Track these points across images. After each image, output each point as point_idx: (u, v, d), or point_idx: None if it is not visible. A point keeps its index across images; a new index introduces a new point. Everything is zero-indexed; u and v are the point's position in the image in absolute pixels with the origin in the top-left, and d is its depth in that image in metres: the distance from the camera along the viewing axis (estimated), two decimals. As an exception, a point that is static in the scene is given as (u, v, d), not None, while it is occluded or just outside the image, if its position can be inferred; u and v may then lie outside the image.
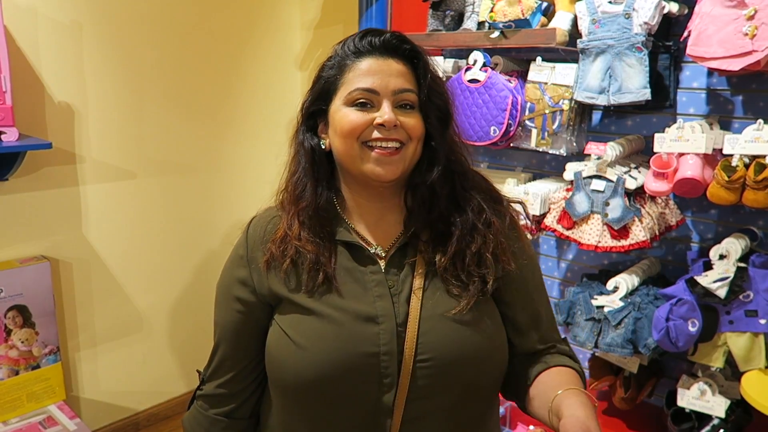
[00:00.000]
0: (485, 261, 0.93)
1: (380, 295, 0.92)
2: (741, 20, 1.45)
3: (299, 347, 0.90)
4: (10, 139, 1.77)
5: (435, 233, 0.95)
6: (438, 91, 0.94)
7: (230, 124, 2.63)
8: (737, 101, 1.69)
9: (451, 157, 0.96)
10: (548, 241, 2.14)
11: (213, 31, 2.49)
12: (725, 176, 1.47)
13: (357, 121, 0.89)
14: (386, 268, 0.94)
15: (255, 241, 0.99)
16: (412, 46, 0.94)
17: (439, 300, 0.92)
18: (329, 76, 0.94)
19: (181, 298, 2.57)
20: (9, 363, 1.99)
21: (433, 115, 0.93)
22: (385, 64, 0.91)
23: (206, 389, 1.03)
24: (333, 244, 0.95)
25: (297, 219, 0.95)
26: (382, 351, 0.88)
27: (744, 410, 1.64)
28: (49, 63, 2.03)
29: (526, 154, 2.13)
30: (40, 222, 2.11)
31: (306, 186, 0.96)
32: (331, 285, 0.92)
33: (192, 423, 1.05)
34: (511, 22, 1.80)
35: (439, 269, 0.93)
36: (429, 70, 0.94)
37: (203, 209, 2.59)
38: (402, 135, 0.90)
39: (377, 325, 0.89)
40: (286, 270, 0.94)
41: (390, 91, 0.90)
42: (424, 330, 0.89)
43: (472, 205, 0.96)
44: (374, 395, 0.89)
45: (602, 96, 1.70)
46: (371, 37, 0.92)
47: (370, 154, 0.90)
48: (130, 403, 2.49)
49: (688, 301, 1.54)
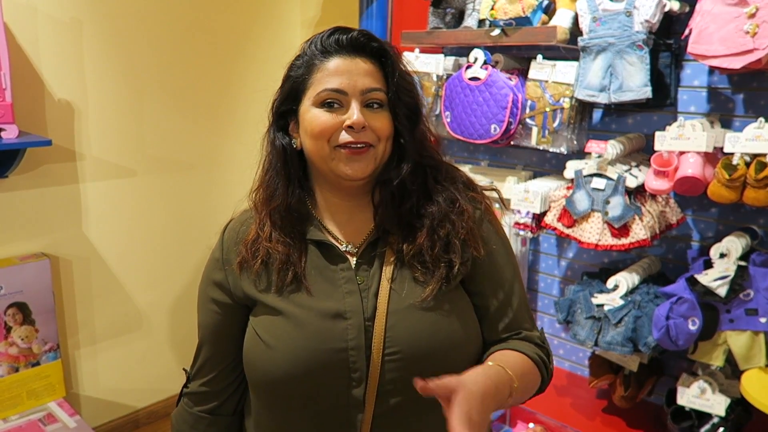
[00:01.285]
0: (453, 246, 0.93)
1: (349, 291, 0.93)
2: (742, 18, 1.45)
3: (268, 347, 0.92)
4: (10, 137, 1.77)
5: (405, 226, 0.95)
6: (407, 88, 0.94)
7: (230, 121, 2.62)
8: (738, 99, 1.68)
9: (423, 152, 0.96)
10: (548, 240, 2.14)
11: (213, 29, 2.49)
12: (726, 175, 1.47)
13: (326, 124, 0.90)
14: (357, 264, 0.95)
15: (229, 244, 1.00)
16: (380, 44, 0.94)
17: (407, 289, 0.92)
18: (297, 75, 0.94)
19: (180, 296, 2.57)
20: (9, 360, 1.99)
21: (401, 113, 0.93)
22: (353, 63, 0.91)
23: (191, 387, 1.06)
24: (304, 243, 0.96)
25: (269, 219, 0.96)
26: (350, 346, 0.89)
27: (744, 409, 1.64)
28: (48, 60, 2.03)
29: (527, 152, 2.12)
30: (40, 219, 2.11)
31: (278, 185, 0.96)
32: (300, 284, 0.93)
33: (178, 420, 1.08)
34: (512, 19, 1.80)
35: (407, 256, 0.93)
36: (397, 68, 0.93)
37: (203, 207, 2.59)
38: (370, 137, 0.91)
39: (345, 320, 0.90)
40: (257, 271, 0.95)
41: (358, 90, 0.90)
42: (392, 323, 0.90)
43: (444, 196, 0.96)
44: (344, 390, 0.90)
45: (603, 94, 1.70)
46: (338, 36, 0.92)
47: (340, 153, 0.90)
48: (130, 400, 2.49)
49: (689, 300, 1.53)
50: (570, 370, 2.14)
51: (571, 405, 1.95)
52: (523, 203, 1.87)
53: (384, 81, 0.93)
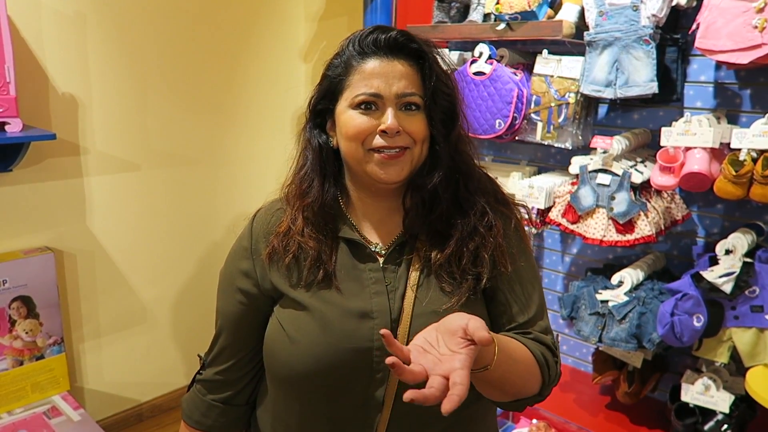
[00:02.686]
0: (482, 260, 0.92)
1: (377, 291, 0.93)
2: (750, 13, 1.44)
3: (293, 341, 0.92)
4: (14, 130, 1.77)
5: (434, 233, 0.95)
6: (444, 91, 0.93)
7: (234, 116, 2.62)
8: (745, 95, 1.67)
9: (456, 157, 0.95)
10: (553, 235, 2.13)
11: (217, 22, 2.48)
12: (732, 171, 1.46)
13: (361, 127, 0.90)
14: (384, 265, 0.95)
15: (259, 234, 1.00)
16: (419, 45, 0.92)
17: (432, 296, 0.92)
18: (335, 75, 0.94)
19: (184, 290, 2.57)
20: (13, 353, 2.00)
21: (437, 118, 0.92)
22: (390, 65, 0.90)
23: (206, 375, 1.06)
24: (335, 240, 0.96)
25: (301, 214, 0.96)
26: (375, 346, 0.89)
27: (748, 406, 1.63)
28: (52, 54, 2.03)
29: (532, 148, 2.12)
30: (44, 213, 2.11)
31: (313, 182, 0.96)
32: (330, 282, 0.93)
33: (190, 405, 1.07)
34: (518, 14, 1.79)
35: (434, 266, 0.93)
36: (435, 71, 0.92)
37: (207, 201, 2.59)
38: (405, 140, 0.90)
39: (372, 320, 0.90)
40: (288, 265, 0.95)
41: (393, 94, 0.89)
42: (416, 326, 0.89)
43: (475, 208, 0.95)
44: (365, 390, 0.90)
45: (609, 89, 1.69)
46: (377, 35, 0.91)
47: (375, 157, 0.90)
48: (134, 394, 2.50)
49: (694, 296, 1.53)
50: (573, 366, 2.14)
51: (574, 401, 1.95)
52: (527, 199, 1.86)
53: (421, 84, 0.92)
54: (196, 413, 1.06)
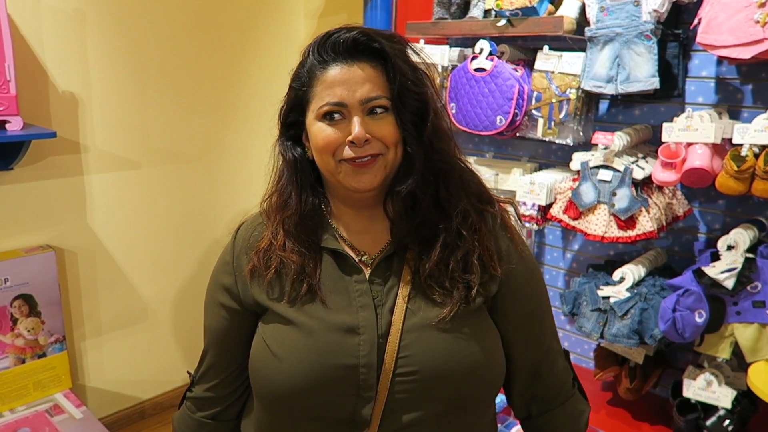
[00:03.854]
0: (471, 266, 0.89)
1: (363, 305, 0.89)
2: (752, 7, 1.43)
3: (277, 357, 0.89)
4: (15, 128, 1.77)
5: (421, 241, 0.91)
6: (412, 90, 0.87)
7: (234, 114, 2.62)
8: (747, 90, 1.67)
9: (433, 156, 0.90)
10: (554, 232, 2.13)
11: (217, 20, 2.48)
12: (734, 166, 1.45)
13: (329, 139, 0.86)
14: (371, 277, 0.92)
15: (241, 249, 0.97)
16: (380, 44, 0.86)
17: (424, 309, 0.88)
18: (299, 86, 0.90)
19: (185, 288, 2.57)
20: (15, 351, 2.00)
21: (406, 119, 0.87)
22: (350, 71, 0.86)
23: (195, 392, 1.04)
24: (318, 251, 0.93)
25: (282, 227, 0.93)
26: (361, 363, 0.86)
27: (750, 401, 1.63)
28: (52, 52, 2.03)
29: (533, 144, 2.11)
30: (45, 211, 2.11)
31: (291, 194, 0.94)
32: (314, 295, 0.90)
33: (180, 423, 1.06)
34: (518, 10, 1.78)
35: (423, 276, 0.89)
36: (400, 69, 0.87)
37: (207, 199, 2.59)
38: (377, 147, 0.86)
39: (358, 336, 0.87)
40: (269, 280, 0.92)
41: (357, 101, 0.85)
42: (406, 342, 0.87)
43: (458, 210, 0.91)
44: (352, 408, 0.87)
45: (610, 85, 1.69)
46: (335, 40, 0.87)
47: (346, 167, 0.87)
48: (136, 391, 2.50)
49: (695, 292, 1.53)
50: (575, 362, 2.14)
51: (576, 397, 1.95)
52: (528, 195, 1.86)
53: (387, 85, 0.87)
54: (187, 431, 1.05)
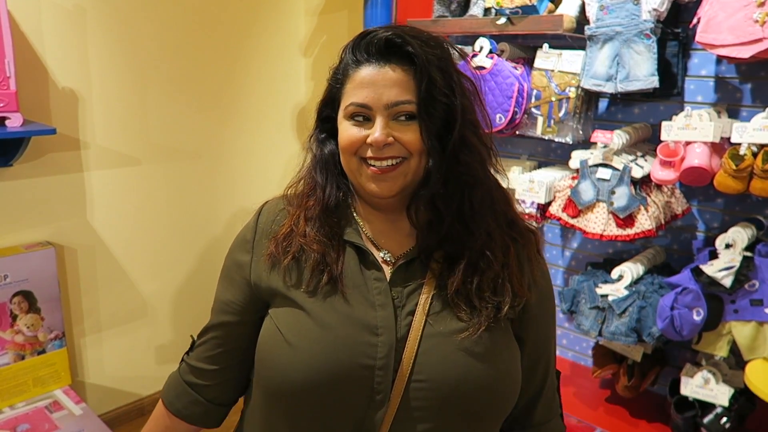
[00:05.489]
0: (503, 289, 0.88)
1: (382, 304, 0.87)
2: (751, 6, 1.43)
3: (291, 346, 0.86)
4: (15, 125, 1.77)
5: (447, 254, 0.89)
6: (440, 99, 0.85)
7: (234, 110, 2.62)
8: (746, 89, 1.67)
9: (459, 169, 0.87)
10: (553, 230, 2.14)
11: (217, 16, 2.48)
12: (733, 165, 1.46)
13: (351, 139, 0.86)
14: (392, 278, 0.90)
15: (264, 229, 0.96)
16: (413, 48, 0.84)
17: (446, 321, 0.87)
18: (334, 83, 0.91)
19: (185, 284, 2.57)
20: (15, 348, 2.00)
21: (430, 128, 0.85)
22: (380, 73, 0.85)
23: (191, 357, 1.04)
24: (341, 244, 0.92)
25: (304, 216, 0.93)
26: (378, 365, 0.84)
27: (747, 399, 1.64)
28: (52, 48, 2.02)
29: (532, 142, 2.12)
30: (45, 208, 2.11)
31: (315, 186, 0.94)
32: (335, 287, 0.88)
33: (169, 384, 1.06)
34: (518, 8, 1.79)
35: (450, 292, 0.87)
36: (429, 75, 0.84)
37: (207, 196, 2.59)
38: (399, 151, 0.85)
39: (376, 336, 0.85)
40: (286, 266, 0.91)
41: (383, 105, 0.84)
42: (425, 349, 0.85)
43: (482, 230, 0.89)
44: (363, 410, 0.84)
45: (609, 83, 1.69)
46: (369, 39, 0.86)
47: (367, 171, 0.87)
48: (135, 388, 2.51)
49: (693, 290, 1.53)
50: (574, 360, 2.15)
51: (574, 395, 1.96)
52: (528, 193, 1.86)
53: (417, 90, 0.85)
54: (172, 393, 1.04)
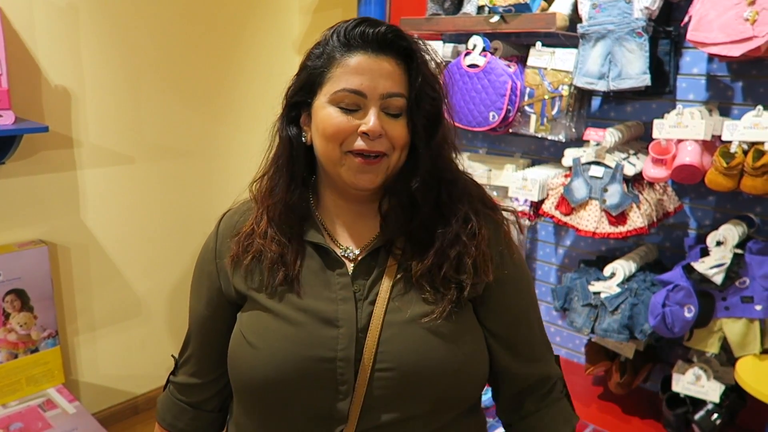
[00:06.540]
0: (464, 267, 0.88)
1: (344, 298, 0.88)
2: (742, 5, 1.44)
3: (253, 347, 0.87)
4: (7, 123, 1.76)
5: (413, 241, 0.89)
6: (429, 95, 0.86)
7: (228, 108, 2.61)
8: (737, 87, 1.68)
9: (439, 163, 0.89)
10: (546, 227, 2.14)
11: (211, 14, 2.47)
12: (724, 163, 1.47)
13: (340, 126, 0.84)
14: (355, 272, 0.90)
15: (225, 235, 0.96)
16: (408, 44, 0.86)
17: (410, 307, 0.87)
18: (315, 66, 0.87)
19: (179, 283, 2.57)
20: (8, 346, 2.00)
21: (419, 123, 0.86)
22: (376, 62, 0.84)
23: (177, 377, 1.04)
24: (302, 244, 0.91)
25: (266, 215, 0.92)
26: (339, 356, 0.84)
27: (738, 395, 1.65)
28: (45, 46, 2.02)
29: (525, 140, 2.12)
30: (38, 206, 2.11)
31: (279, 181, 0.92)
32: (292, 286, 0.88)
33: (164, 407, 1.05)
34: (511, 6, 1.79)
35: (415, 276, 0.88)
36: (422, 72, 0.86)
37: (201, 194, 2.58)
38: (385, 145, 0.84)
39: (336, 328, 0.85)
40: (247, 267, 0.91)
41: (378, 94, 0.83)
42: (386, 337, 0.85)
43: (458, 216, 0.89)
44: (328, 402, 0.85)
45: (602, 81, 1.69)
46: (365, 29, 0.84)
47: (351, 161, 0.85)
48: (129, 386, 2.51)
49: (685, 287, 1.54)
50: (566, 357, 2.16)
51: (567, 391, 1.97)
52: (521, 191, 1.87)
53: (407, 85, 0.85)
54: (169, 416, 1.04)
